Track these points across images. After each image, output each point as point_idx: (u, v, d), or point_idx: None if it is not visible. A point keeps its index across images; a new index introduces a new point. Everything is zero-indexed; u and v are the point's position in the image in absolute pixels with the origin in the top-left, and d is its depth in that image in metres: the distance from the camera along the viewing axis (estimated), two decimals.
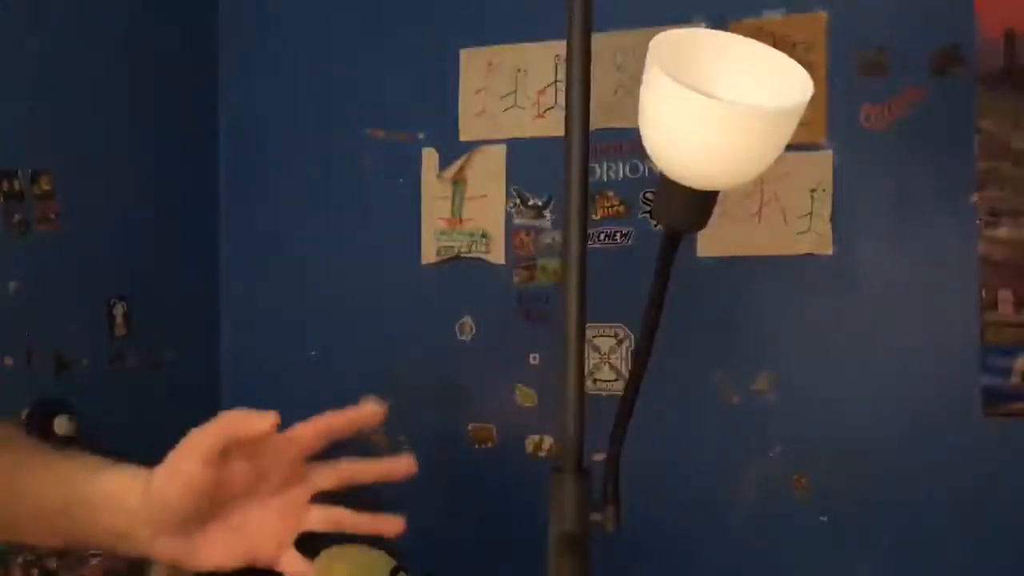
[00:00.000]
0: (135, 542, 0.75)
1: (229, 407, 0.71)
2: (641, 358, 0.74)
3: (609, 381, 2.61)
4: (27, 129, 2.43)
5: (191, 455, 0.72)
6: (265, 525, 0.76)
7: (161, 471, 0.74)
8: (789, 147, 0.69)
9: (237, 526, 0.75)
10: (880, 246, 2.44)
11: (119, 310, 2.61)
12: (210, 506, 0.74)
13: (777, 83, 0.66)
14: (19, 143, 2.40)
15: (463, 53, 2.77)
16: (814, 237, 2.47)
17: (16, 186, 2.38)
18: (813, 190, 2.47)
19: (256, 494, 0.76)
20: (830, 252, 2.46)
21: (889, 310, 2.43)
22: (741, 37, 0.70)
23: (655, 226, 2.47)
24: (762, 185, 2.49)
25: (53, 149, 2.43)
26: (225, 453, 0.72)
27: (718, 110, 0.64)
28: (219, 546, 0.75)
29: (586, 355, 0.72)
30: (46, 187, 2.43)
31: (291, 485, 0.76)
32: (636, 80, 0.68)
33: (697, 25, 2.40)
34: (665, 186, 0.70)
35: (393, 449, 2.76)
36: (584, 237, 0.68)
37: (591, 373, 2.61)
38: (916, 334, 2.40)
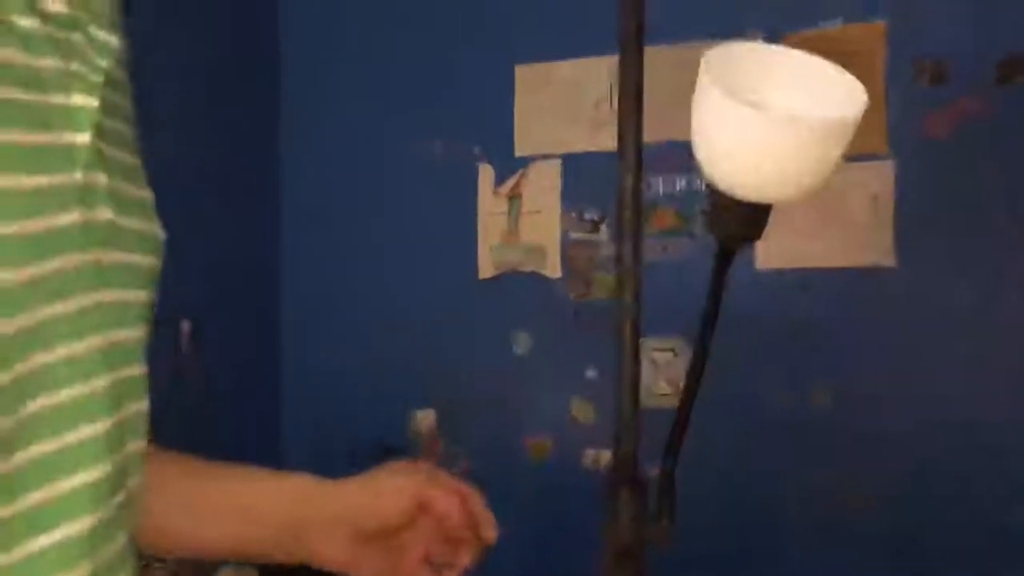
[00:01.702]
0: (301, 546, 0.85)
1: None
2: (696, 372, 0.74)
3: (665, 395, 2.60)
4: None
5: (410, 498, 0.85)
6: (413, 550, 0.89)
7: (376, 487, 0.86)
8: (850, 157, 0.69)
9: (392, 546, 0.88)
10: (943, 256, 2.40)
11: (185, 327, 2.67)
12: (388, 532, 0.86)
13: (830, 95, 0.66)
14: None
15: (518, 69, 2.79)
16: (876, 248, 2.44)
17: None
18: (875, 200, 2.44)
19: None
20: (893, 263, 2.43)
21: (952, 322, 2.38)
22: (793, 50, 0.70)
23: (711, 239, 2.46)
24: (823, 196, 2.46)
25: None
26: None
27: (770, 123, 0.64)
28: (377, 561, 0.87)
29: (642, 369, 0.72)
30: None
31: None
32: (690, 94, 0.68)
33: (751, 38, 2.39)
34: (718, 199, 0.70)
35: (449, 461, 2.77)
36: (639, 251, 0.68)
37: (647, 387, 2.59)
38: (979, 347, 2.35)
